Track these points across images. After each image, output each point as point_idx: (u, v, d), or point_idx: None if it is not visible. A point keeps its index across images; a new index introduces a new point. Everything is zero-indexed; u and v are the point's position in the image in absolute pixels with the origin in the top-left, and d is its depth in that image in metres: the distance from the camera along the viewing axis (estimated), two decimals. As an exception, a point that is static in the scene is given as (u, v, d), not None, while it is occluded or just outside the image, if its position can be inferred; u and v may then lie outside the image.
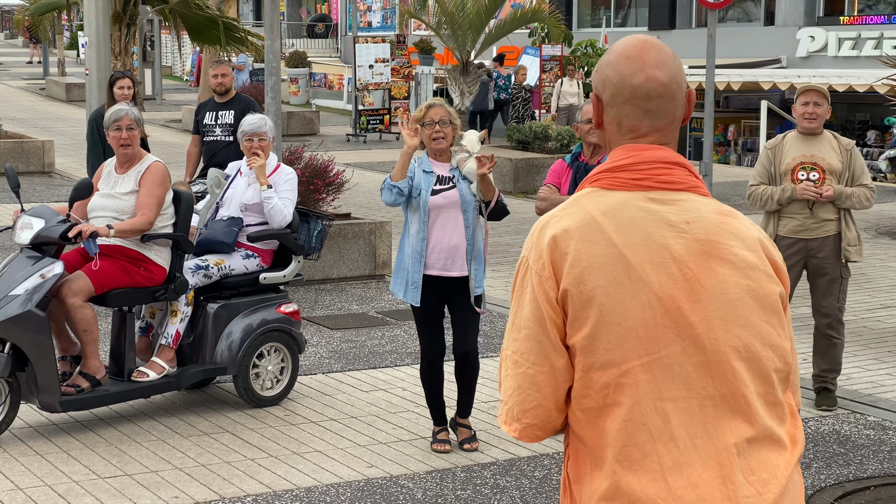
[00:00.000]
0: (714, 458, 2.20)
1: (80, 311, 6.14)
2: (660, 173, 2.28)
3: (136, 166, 6.50)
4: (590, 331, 2.21)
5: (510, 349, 2.31)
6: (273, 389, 6.89)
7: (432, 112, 6.02)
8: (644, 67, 2.28)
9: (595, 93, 2.37)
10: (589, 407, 2.24)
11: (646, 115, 2.29)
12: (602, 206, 2.27)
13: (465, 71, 19.19)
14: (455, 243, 6.02)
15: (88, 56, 11.32)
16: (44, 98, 30.64)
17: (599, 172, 2.33)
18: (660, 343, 2.21)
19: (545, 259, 2.25)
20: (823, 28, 27.21)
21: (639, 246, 2.23)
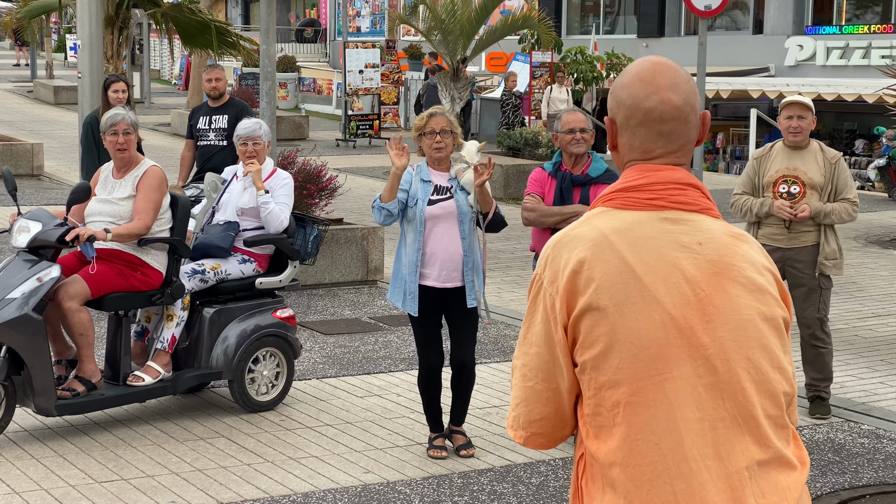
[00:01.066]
0: (726, 480, 2.20)
1: (77, 315, 6.12)
2: (673, 194, 2.29)
3: (133, 171, 6.49)
4: (602, 349, 2.23)
5: (520, 361, 2.36)
6: (268, 394, 6.88)
7: (433, 122, 6.02)
8: (658, 90, 2.29)
9: (609, 115, 2.38)
10: (601, 425, 2.25)
11: (659, 137, 2.31)
12: (615, 226, 2.28)
13: (455, 77, 19.21)
14: (451, 254, 6.00)
15: (81, 59, 11.29)
16: (32, 101, 30.52)
17: (613, 192, 2.34)
18: (672, 363, 2.22)
19: (559, 282, 2.27)
20: (812, 37, 27.33)
21: (652, 265, 2.24)
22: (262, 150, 6.99)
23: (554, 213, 6.21)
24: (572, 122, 6.26)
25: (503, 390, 7.46)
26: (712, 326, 2.22)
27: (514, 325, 9.30)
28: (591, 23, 33.64)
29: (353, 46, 24.11)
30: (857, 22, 27.62)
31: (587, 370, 2.25)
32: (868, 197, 19.10)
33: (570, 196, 6.26)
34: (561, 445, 6.37)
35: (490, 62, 32.03)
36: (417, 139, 6.15)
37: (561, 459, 6.20)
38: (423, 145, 6.08)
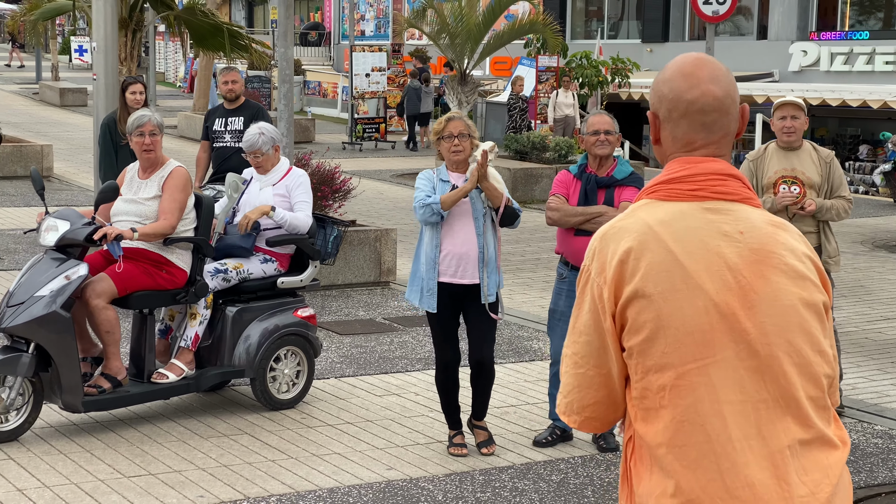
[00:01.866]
0: (769, 458, 2.30)
1: (104, 313, 6.21)
2: (715, 184, 2.38)
3: (158, 171, 6.58)
4: (648, 335, 2.33)
5: (571, 349, 2.46)
6: (289, 393, 6.97)
7: (451, 125, 6.12)
8: (699, 83, 2.38)
9: (651, 110, 2.47)
10: (648, 407, 2.36)
11: (701, 129, 2.40)
12: (659, 216, 2.38)
13: (462, 81, 19.30)
14: (466, 251, 6.10)
15: (96, 61, 11.37)
16: (37, 103, 30.63)
17: (656, 184, 2.44)
18: (715, 347, 2.31)
19: (607, 272, 2.36)
20: (816, 42, 27.43)
21: (695, 254, 2.34)
22: (267, 159, 7.02)
23: (577, 214, 6.30)
24: (597, 123, 6.35)
25: (519, 390, 7.55)
26: (754, 312, 2.32)
27: (528, 326, 9.38)
28: (594, 27, 33.75)
29: (360, 50, 24.20)
30: (860, 28, 27.73)
31: (634, 355, 2.35)
32: (873, 202, 19.20)
33: (595, 197, 6.34)
34: (580, 444, 6.47)
35: (494, 66, 32.16)
36: (436, 143, 6.24)
37: (580, 457, 6.29)
38: (442, 149, 6.18)
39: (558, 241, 6.53)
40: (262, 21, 46.97)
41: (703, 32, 30.51)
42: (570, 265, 6.41)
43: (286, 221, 6.84)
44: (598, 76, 24.13)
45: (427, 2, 20.18)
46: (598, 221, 6.24)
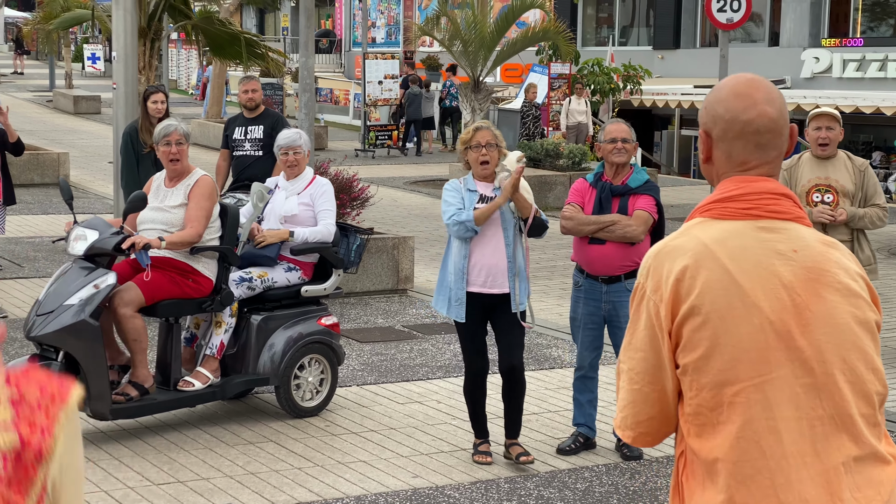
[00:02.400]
0: (823, 475, 2.34)
1: (131, 322, 6.26)
2: (768, 203, 2.43)
3: (185, 180, 6.64)
4: (704, 352, 2.37)
5: (626, 365, 2.49)
6: (313, 400, 7.02)
7: (479, 135, 6.15)
8: (755, 104, 2.42)
9: (704, 129, 2.50)
10: (703, 423, 2.39)
11: (756, 149, 2.44)
12: (714, 235, 2.41)
13: (476, 88, 19.35)
14: (496, 261, 6.13)
15: (116, 70, 11.43)
16: (51, 110, 30.77)
17: (710, 203, 2.47)
18: (771, 365, 2.36)
19: (663, 290, 2.40)
20: (828, 49, 27.43)
21: (750, 273, 2.38)
22: (303, 158, 7.14)
23: (591, 222, 6.34)
24: (614, 132, 6.39)
25: (541, 398, 7.58)
26: (809, 330, 2.36)
27: (546, 333, 9.42)
28: (605, 34, 33.78)
29: (373, 58, 24.28)
30: (872, 34, 27.72)
31: (689, 372, 2.38)
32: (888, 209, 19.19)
33: (609, 206, 6.38)
34: (603, 452, 6.50)
35: (505, 73, 32.18)
36: (464, 152, 6.27)
37: (604, 465, 6.32)
38: (470, 158, 6.21)
39: (574, 249, 6.57)
40: (273, 28, 47.12)
41: (714, 39, 30.57)
42: (584, 273, 6.45)
43: (307, 240, 6.90)
44: (610, 83, 24.16)
45: (440, 9, 20.25)
46: (611, 230, 6.28)
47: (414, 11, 39.44)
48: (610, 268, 6.34)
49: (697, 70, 29.07)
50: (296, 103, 31.62)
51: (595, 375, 6.59)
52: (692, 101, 25.85)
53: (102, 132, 25.80)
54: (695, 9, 31.19)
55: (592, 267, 6.38)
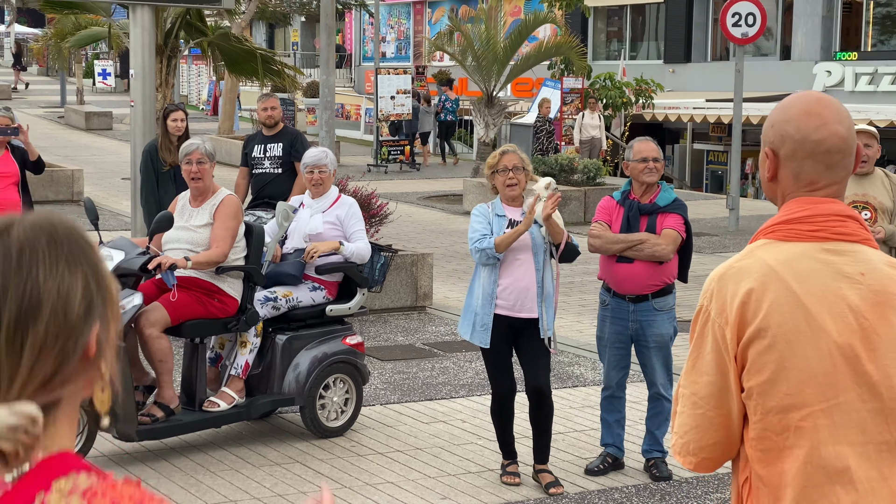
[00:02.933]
0: (890, 500, 2.31)
1: (157, 342, 6.23)
2: (835, 225, 2.39)
3: (210, 199, 6.62)
4: (770, 376, 2.33)
5: (689, 390, 2.45)
6: (338, 420, 6.98)
7: (506, 159, 6.11)
8: (826, 123, 2.38)
9: (770, 148, 2.45)
10: (768, 448, 2.36)
11: (826, 170, 2.40)
12: (780, 257, 2.37)
13: (489, 103, 19.33)
14: (526, 285, 6.08)
15: (134, 88, 11.44)
16: (63, 126, 30.83)
17: (775, 224, 2.43)
18: (838, 389, 2.32)
19: (728, 313, 2.36)
20: (840, 63, 27.40)
21: (817, 296, 2.34)
22: (328, 177, 7.12)
23: (619, 241, 6.30)
24: (645, 150, 6.34)
25: (566, 417, 7.53)
26: (876, 355, 2.32)
27: (567, 351, 9.36)
28: (615, 48, 33.80)
29: (385, 73, 24.29)
30: (884, 48, 27.69)
31: (754, 395, 2.35)
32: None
33: (637, 224, 6.34)
34: (632, 472, 6.45)
35: (516, 87, 32.19)
36: (490, 176, 6.22)
37: (633, 486, 6.27)
38: (497, 182, 6.16)
39: (601, 267, 6.52)
40: (283, 44, 47.21)
41: (725, 53, 30.58)
42: (612, 292, 6.41)
43: (353, 254, 6.90)
44: (622, 97, 24.16)
45: (453, 25, 20.26)
46: (639, 249, 6.24)
47: (424, 26, 39.51)
48: (638, 287, 6.30)
49: (709, 84, 29.06)
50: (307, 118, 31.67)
51: (623, 395, 6.54)
52: (704, 114, 25.82)
53: (115, 148, 25.85)
54: (705, 22, 31.20)
55: (620, 286, 6.34)
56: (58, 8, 13.86)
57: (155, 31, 11.71)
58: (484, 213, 6.16)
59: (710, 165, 28.39)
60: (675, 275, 6.39)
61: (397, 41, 41.31)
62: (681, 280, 6.48)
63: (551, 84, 24.34)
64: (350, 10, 35.43)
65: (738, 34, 16.11)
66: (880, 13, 28.23)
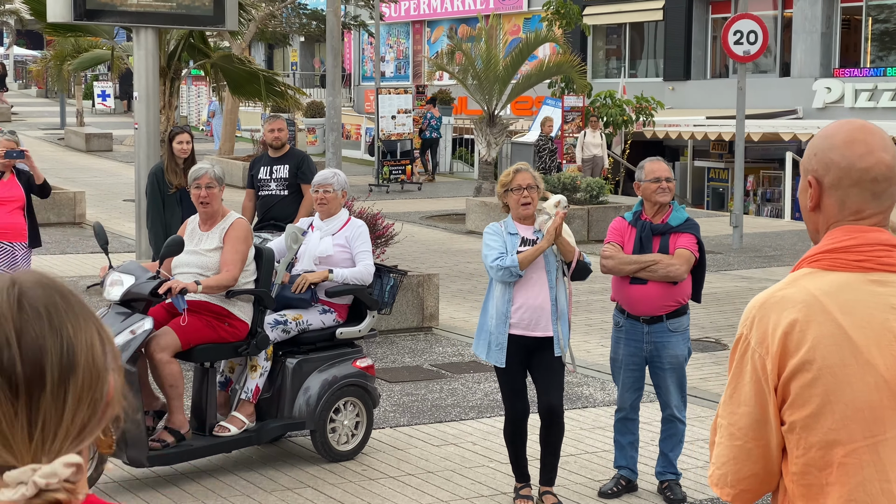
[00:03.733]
0: None
1: (168, 367, 6.20)
2: (880, 255, 2.34)
3: (220, 223, 6.59)
4: (814, 410, 2.27)
5: (727, 420, 2.39)
6: (349, 444, 6.93)
7: (519, 178, 6.08)
8: (872, 151, 2.34)
9: (814, 176, 2.40)
10: (810, 483, 2.30)
11: (872, 198, 2.36)
12: (825, 288, 2.32)
13: (491, 122, 19.34)
14: (540, 303, 6.05)
15: (138, 111, 11.45)
16: (63, 148, 30.81)
17: (819, 253, 2.38)
18: (886, 425, 2.27)
19: (770, 343, 2.31)
20: (840, 79, 27.44)
21: (864, 328, 2.29)
22: (334, 198, 7.08)
23: (632, 262, 6.27)
24: (658, 170, 6.32)
25: (577, 438, 7.48)
26: None
27: (577, 371, 9.29)
28: (615, 66, 33.86)
29: (386, 92, 24.30)
30: (881, 64, 27.74)
31: (797, 430, 2.30)
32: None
33: (650, 245, 6.31)
34: (645, 495, 6.40)
35: (516, 106, 32.24)
36: (503, 195, 6.20)
37: (648, 508, 6.23)
38: (510, 201, 6.14)
39: (613, 288, 6.49)
40: (283, 64, 47.30)
41: (724, 70, 30.63)
42: (625, 313, 6.37)
43: (346, 280, 6.85)
44: (623, 115, 24.18)
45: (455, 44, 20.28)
46: (653, 269, 6.22)
47: (423, 45, 39.59)
48: (652, 308, 6.26)
49: (709, 101, 29.10)
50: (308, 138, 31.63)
51: (636, 417, 6.50)
52: (705, 132, 25.85)
53: (115, 170, 25.84)
54: (704, 40, 31.27)
55: (634, 307, 6.31)
56: (60, 31, 13.87)
57: (158, 53, 11.72)
58: (497, 232, 6.13)
59: (711, 183, 28.39)
60: (689, 295, 6.36)
61: (396, 60, 41.39)
62: (694, 300, 6.45)
63: (552, 102, 24.36)
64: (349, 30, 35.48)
65: (739, 52, 16.12)
66: (879, 29, 28.30)
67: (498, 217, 6.31)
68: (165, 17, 11.29)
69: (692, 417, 7.57)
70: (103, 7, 10.92)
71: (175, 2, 11.05)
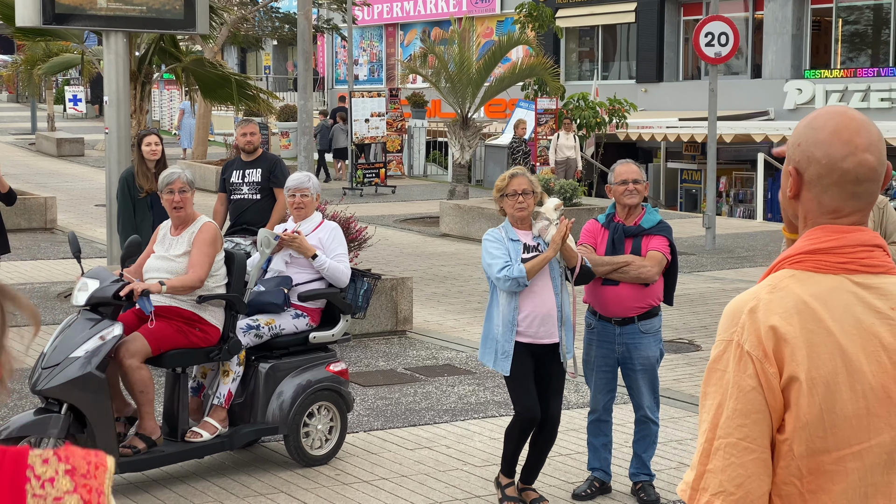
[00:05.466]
0: None
1: (138, 373, 6.15)
2: (863, 257, 2.29)
3: (189, 227, 6.55)
4: (805, 420, 2.21)
5: (738, 435, 2.21)
6: (322, 448, 6.90)
7: (514, 182, 6.04)
8: (856, 151, 2.25)
9: (795, 167, 2.32)
10: (789, 493, 2.23)
11: (851, 198, 2.28)
12: (814, 292, 2.26)
13: (464, 125, 19.34)
14: (547, 310, 6.01)
15: (108, 115, 11.37)
16: (34, 153, 30.62)
17: (801, 253, 2.31)
18: (871, 432, 2.22)
19: (766, 346, 2.22)
20: (811, 80, 27.61)
21: (852, 334, 2.23)
22: (310, 201, 7.05)
23: (604, 263, 6.27)
24: (625, 173, 6.33)
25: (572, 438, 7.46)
26: None
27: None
28: (588, 69, 33.94)
29: (359, 96, 24.26)
30: (851, 65, 27.94)
31: (787, 438, 2.22)
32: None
33: (622, 247, 6.31)
34: (619, 496, 6.39)
35: (489, 109, 32.28)
36: (499, 200, 6.15)
37: (622, 510, 6.23)
38: (506, 206, 6.10)
39: (586, 290, 6.48)
40: (256, 67, 47.15)
41: (697, 72, 30.75)
42: (597, 315, 6.37)
43: (325, 268, 6.79)
44: (596, 117, 24.24)
45: (427, 47, 20.28)
46: (625, 271, 6.22)
47: (396, 49, 39.57)
48: (624, 309, 6.27)
49: (680, 102, 29.23)
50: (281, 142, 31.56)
51: (609, 419, 6.50)
52: (678, 133, 25.95)
53: (87, 175, 25.69)
54: (677, 42, 31.40)
55: (606, 308, 6.31)
56: (30, 35, 13.77)
57: (129, 57, 11.64)
58: (499, 239, 6.07)
59: (684, 184, 28.50)
60: (660, 297, 6.36)
61: (370, 63, 41.34)
62: (666, 303, 6.45)
63: (525, 105, 24.41)
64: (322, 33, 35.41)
65: (711, 54, 16.19)
66: (849, 31, 28.50)
67: (472, 220, 6.31)
68: (135, 20, 11.22)
69: (665, 419, 7.58)
70: (72, 11, 10.84)
71: (145, 5, 10.99)
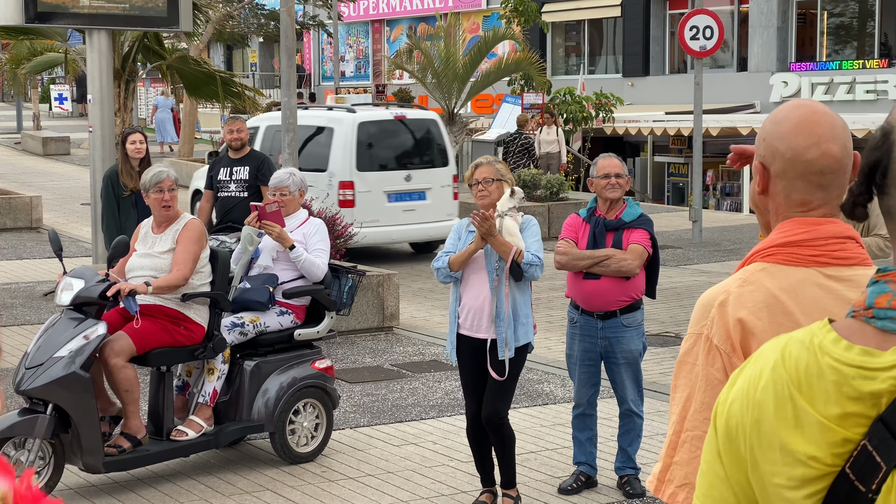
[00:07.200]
0: None
1: (122, 372, 6.14)
2: (834, 249, 2.28)
3: (173, 225, 6.54)
4: None
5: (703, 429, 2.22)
6: (308, 446, 6.90)
7: (478, 172, 6.04)
8: (819, 142, 2.24)
9: (761, 161, 2.32)
10: None
11: (818, 189, 2.28)
12: (783, 285, 2.26)
13: (451, 120, 19.35)
14: (479, 305, 5.96)
15: (92, 113, 11.35)
16: (20, 152, 30.50)
17: (773, 246, 2.31)
18: None
19: (734, 340, 2.23)
20: (796, 73, 27.68)
21: None
22: (291, 199, 7.05)
23: (585, 257, 6.27)
24: (607, 167, 6.34)
25: (537, 435, 7.50)
26: None
27: (536, 368, 9.32)
28: (574, 63, 33.95)
29: (345, 92, 24.25)
30: (837, 57, 28.01)
31: None
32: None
33: (603, 240, 6.32)
34: (605, 490, 6.41)
35: (476, 104, 32.26)
36: (470, 190, 6.17)
37: (608, 504, 6.25)
38: (473, 195, 6.12)
39: (568, 285, 6.49)
40: (242, 65, 47.05)
41: (683, 66, 30.78)
42: (580, 309, 6.38)
43: (301, 260, 6.77)
44: (583, 112, 24.25)
45: (413, 43, 20.28)
46: (606, 265, 6.23)
47: (383, 45, 39.52)
48: (605, 303, 6.28)
49: (668, 97, 29.25)
50: (267, 139, 31.46)
51: (594, 412, 6.51)
52: (664, 127, 25.98)
53: (73, 173, 25.60)
54: (663, 36, 31.43)
55: (588, 302, 6.32)
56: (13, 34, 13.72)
57: (112, 55, 11.63)
58: (457, 229, 6.10)
59: (671, 178, 28.54)
60: (642, 290, 6.38)
61: (356, 60, 41.29)
62: (648, 296, 6.47)
63: (511, 100, 24.40)
64: (308, 30, 35.36)
65: (696, 47, 16.22)
66: (834, 23, 28.57)
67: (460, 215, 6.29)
68: (118, 18, 11.19)
69: (650, 412, 7.60)
70: (55, 9, 10.81)
71: (128, 3, 10.96)
